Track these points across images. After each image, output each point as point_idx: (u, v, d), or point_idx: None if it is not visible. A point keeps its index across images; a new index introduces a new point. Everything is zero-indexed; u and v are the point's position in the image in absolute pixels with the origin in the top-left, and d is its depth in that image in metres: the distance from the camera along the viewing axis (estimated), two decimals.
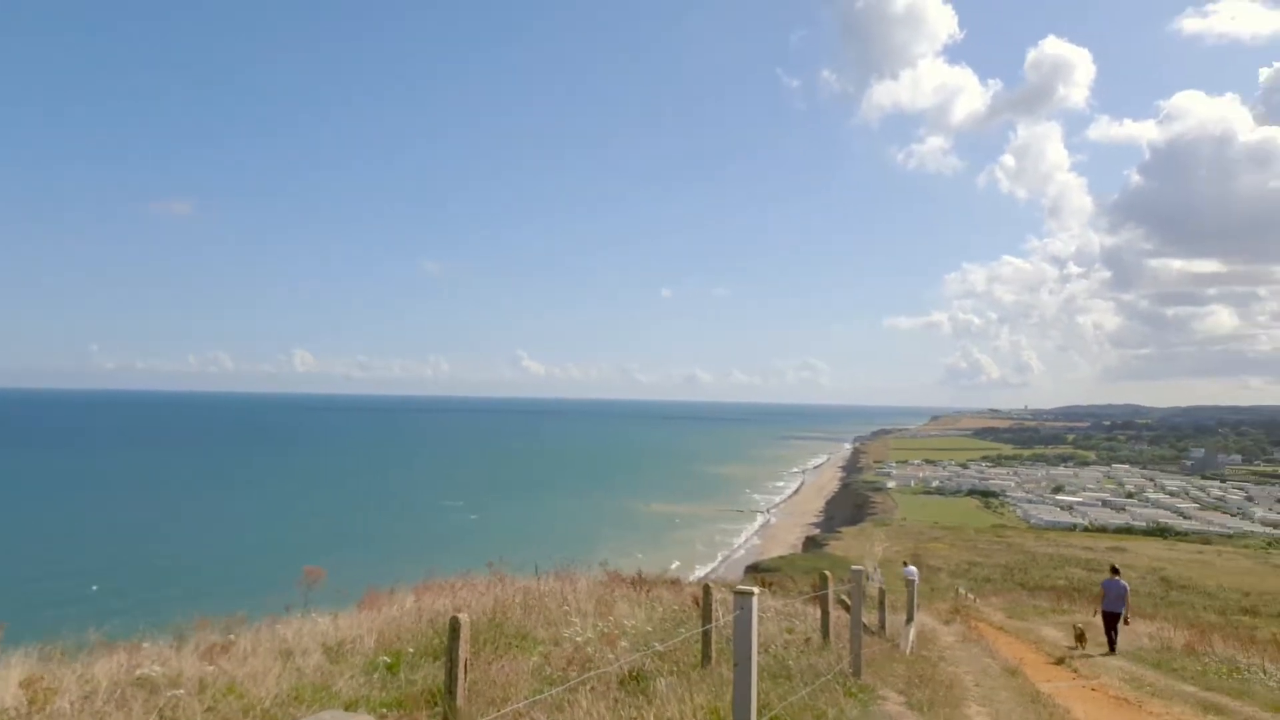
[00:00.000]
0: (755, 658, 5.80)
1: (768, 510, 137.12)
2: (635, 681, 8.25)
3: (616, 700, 7.54)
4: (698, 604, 10.47)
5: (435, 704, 7.12)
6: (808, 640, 10.70)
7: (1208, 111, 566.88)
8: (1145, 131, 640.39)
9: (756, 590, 5.88)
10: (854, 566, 10.55)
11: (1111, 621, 18.28)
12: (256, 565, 62.33)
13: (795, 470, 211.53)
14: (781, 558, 71.91)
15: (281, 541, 79.41)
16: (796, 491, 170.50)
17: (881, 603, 15.70)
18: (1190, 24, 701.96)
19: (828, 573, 11.08)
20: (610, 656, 9.06)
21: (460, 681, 6.08)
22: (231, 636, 9.44)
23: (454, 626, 5.97)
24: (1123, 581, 18.82)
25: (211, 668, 8.12)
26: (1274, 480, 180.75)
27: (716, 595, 9.46)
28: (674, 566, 77.29)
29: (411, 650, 9.24)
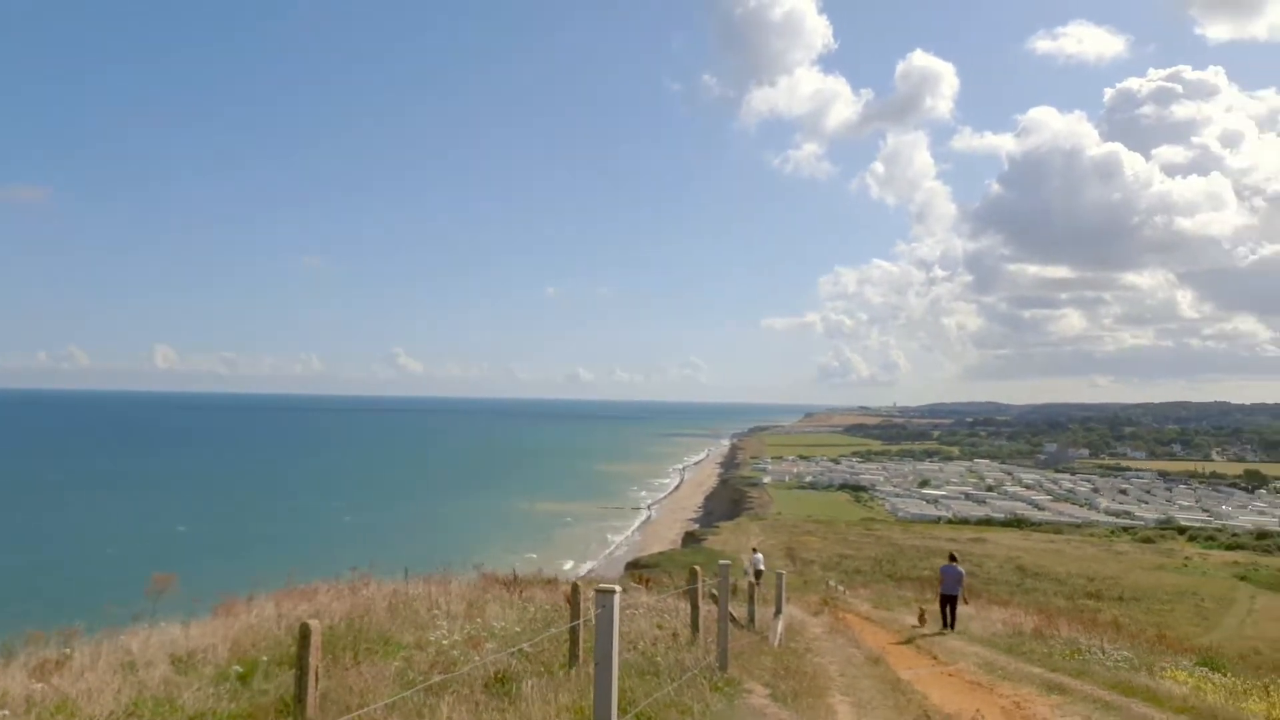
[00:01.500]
0: (616, 656, 5.77)
1: (649, 507, 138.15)
2: (500, 684, 8.12)
3: (479, 704, 7.40)
4: (570, 603, 10.40)
5: (288, 713, 6.83)
6: (675, 636, 10.79)
7: (1059, 126, 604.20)
8: (1004, 143, 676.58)
9: (618, 589, 5.86)
10: (721, 561, 10.69)
11: (948, 603, 20.30)
12: (108, 574, 58.79)
13: (676, 467, 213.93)
14: (661, 553, 72.52)
15: (139, 549, 75.17)
16: (677, 488, 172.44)
17: (751, 596, 15.99)
18: (1042, 44, 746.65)
19: (697, 568, 11.19)
20: (476, 659, 8.90)
21: (310, 690, 5.83)
22: (67, 650, 8.83)
23: (303, 633, 5.72)
24: (958, 568, 20.64)
25: (41, 685, 7.57)
26: (1117, 473, 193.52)
27: (587, 594, 9.41)
28: (552, 565, 77.14)
29: (266, 659, 8.85)
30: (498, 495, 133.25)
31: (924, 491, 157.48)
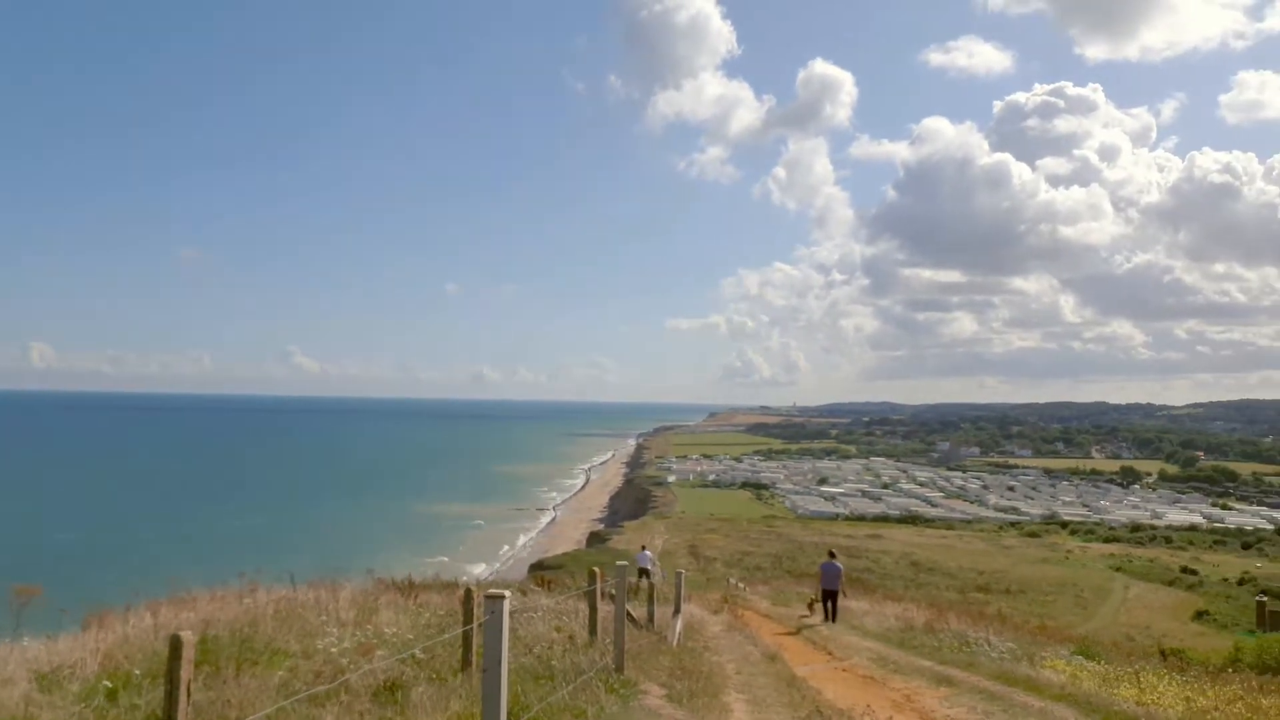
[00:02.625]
0: (505, 662, 5.66)
1: (554, 508, 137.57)
2: (390, 692, 7.89)
3: (366, 713, 7.18)
4: (464, 607, 10.19)
5: None
6: (571, 638, 10.71)
7: (951, 136, 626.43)
8: (899, 151, 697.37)
9: (507, 594, 5.74)
10: (618, 562, 10.65)
11: (829, 597, 21.60)
12: None
13: (582, 467, 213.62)
14: (566, 554, 72.26)
15: (5, 559, 70.95)
16: (582, 488, 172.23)
17: (650, 596, 16.00)
18: (935, 57, 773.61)
19: (596, 569, 11.12)
20: (365, 667, 8.63)
21: (182, 704, 5.52)
22: None
23: (174, 646, 5.40)
24: (837, 564, 21.92)
25: None
26: (1005, 470, 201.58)
27: (481, 598, 9.23)
28: (454, 568, 76.03)
29: (140, 673, 8.39)
30: (398, 498, 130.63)
31: (822, 489, 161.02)
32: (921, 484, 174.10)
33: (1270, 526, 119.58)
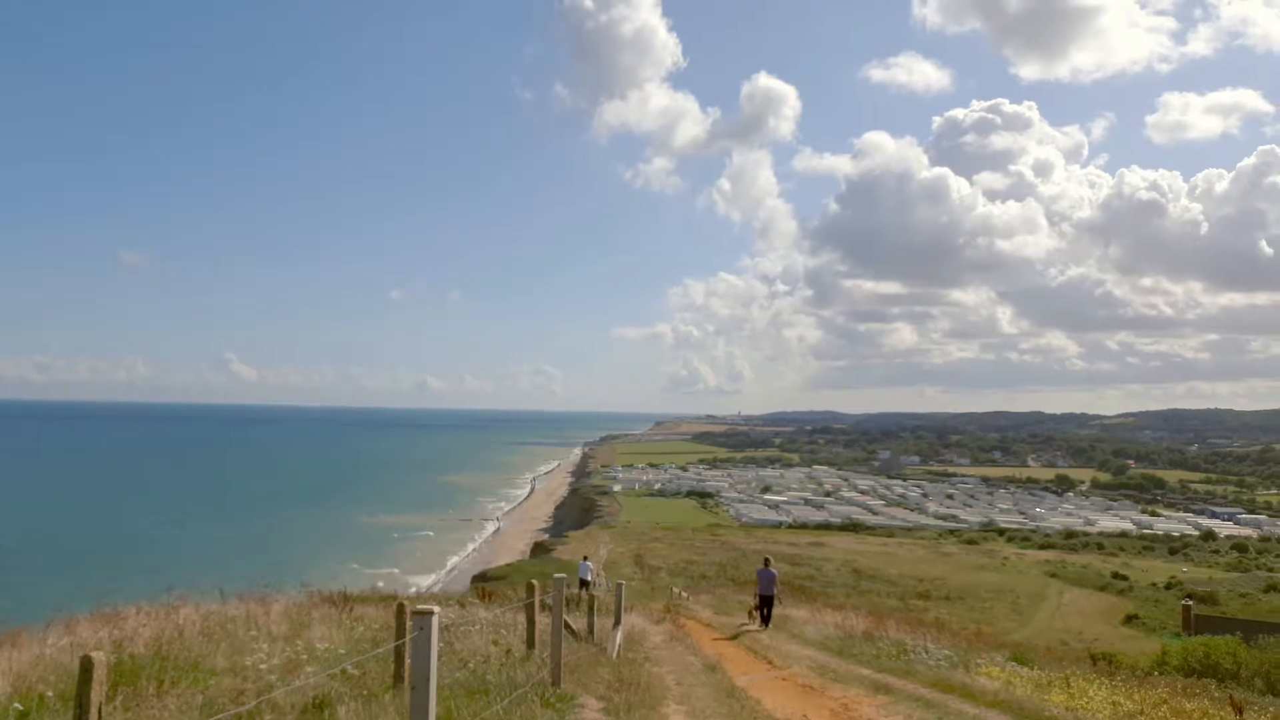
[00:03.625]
0: (434, 679, 5.53)
1: (499, 518, 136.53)
2: (318, 709, 7.69)
3: None
4: (398, 622, 9.99)
5: None
6: (508, 652, 10.56)
7: (892, 150, 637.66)
8: (841, 165, 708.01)
9: (436, 610, 5.62)
10: (556, 574, 10.54)
11: (765, 603, 22.25)
12: None
13: (527, 476, 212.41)
14: (509, 565, 71.56)
15: None
16: (527, 497, 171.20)
17: (591, 607, 15.88)
18: (876, 73, 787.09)
19: (534, 582, 10.99)
20: (294, 683, 8.39)
21: None
22: None
23: (84, 666, 5.17)
24: (772, 570, 22.74)
25: None
26: (944, 478, 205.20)
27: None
28: (395, 580, 74.97)
29: (52, 694, 8.05)
30: (339, 508, 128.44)
31: (766, 497, 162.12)
32: (863, 492, 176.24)
33: (1196, 532, 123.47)
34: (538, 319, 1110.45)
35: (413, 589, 61.11)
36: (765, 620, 22.23)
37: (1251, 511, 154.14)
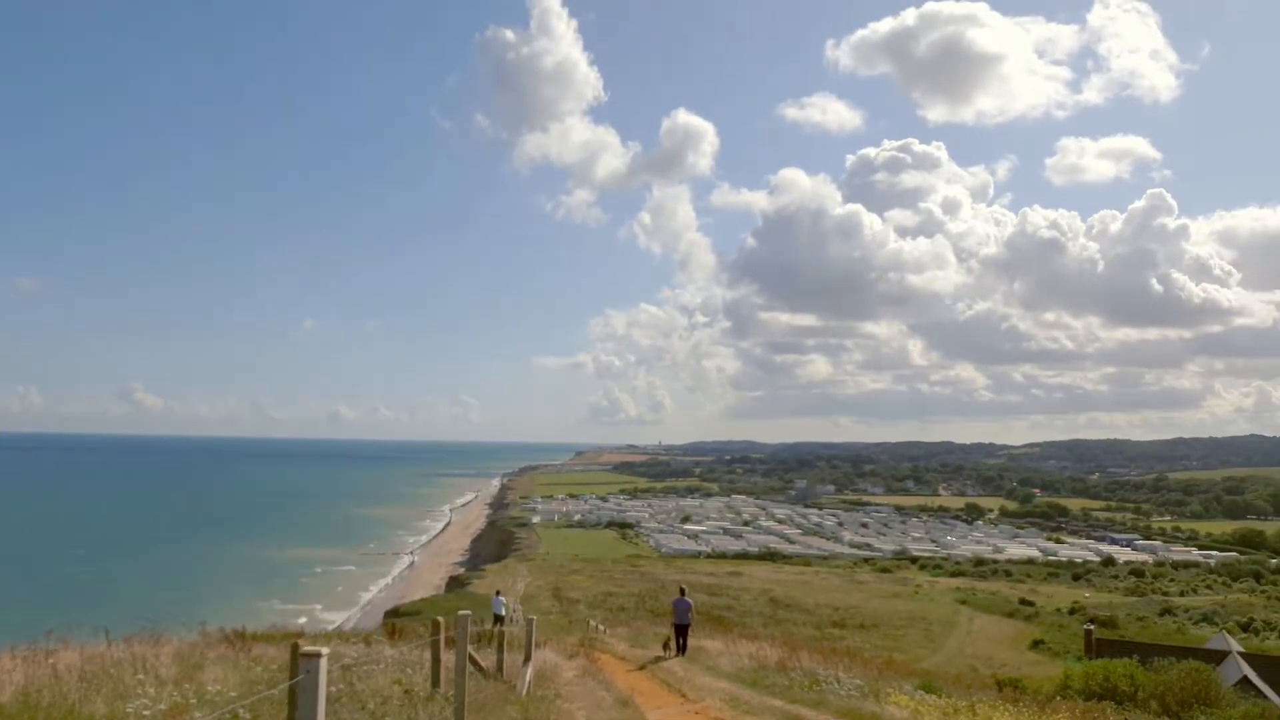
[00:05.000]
0: None
1: (413, 551, 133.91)
2: None
3: None
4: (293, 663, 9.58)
5: None
6: (409, 692, 10.21)
7: (807, 187, 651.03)
8: (758, 201, 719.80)
9: (324, 651, 5.38)
10: (461, 611, 10.27)
11: (680, 632, 22.66)
12: None
13: (443, 509, 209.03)
14: (423, 600, 69.98)
15: None
16: (443, 530, 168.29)
17: (501, 643, 15.53)
18: (791, 112, 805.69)
19: (440, 618, 10.69)
20: None
21: None
22: None
23: None
24: (688, 600, 23.19)
25: None
26: (859, 507, 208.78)
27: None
28: (305, 616, 72.62)
29: None
30: (247, 542, 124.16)
31: (686, 527, 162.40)
32: (780, 521, 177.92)
33: (1097, 559, 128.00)
34: (456, 348, 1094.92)
35: (331, 625, 59.35)
36: (681, 649, 22.44)
37: (1147, 537, 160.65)
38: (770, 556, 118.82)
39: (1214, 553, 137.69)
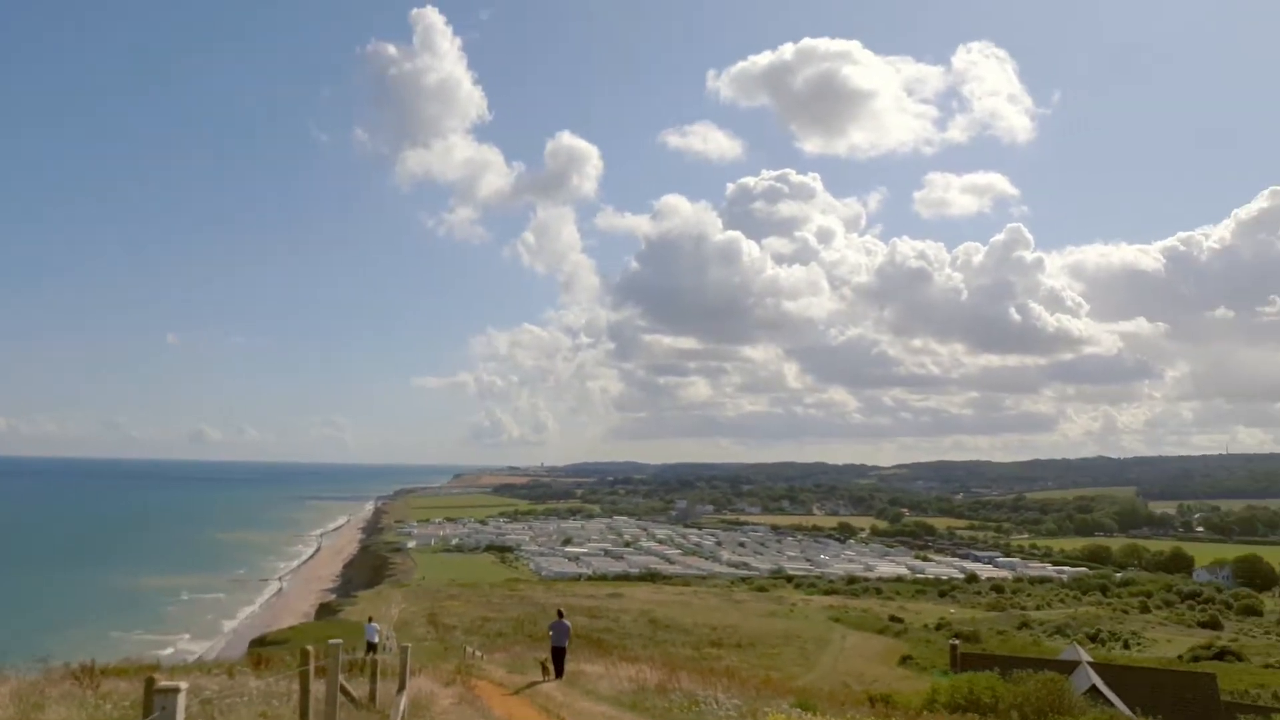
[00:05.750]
0: None
1: (281, 578, 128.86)
2: None
3: None
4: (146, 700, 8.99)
5: None
6: None
7: (689, 213, 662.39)
8: (641, 225, 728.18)
9: (183, 686, 5.07)
10: (331, 640, 9.88)
11: (558, 655, 22.84)
12: None
13: (313, 533, 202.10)
14: (291, 628, 67.21)
15: None
16: (313, 556, 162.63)
17: (373, 673, 15.04)
18: (673, 139, 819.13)
19: (309, 647, 10.25)
20: None
21: None
22: None
23: None
24: (566, 623, 23.58)
25: None
26: (737, 526, 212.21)
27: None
28: (164, 647, 68.79)
29: None
30: (100, 569, 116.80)
31: (567, 549, 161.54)
32: (661, 541, 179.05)
33: (961, 575, 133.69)
34: (330, 367, 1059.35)
35: (193, 656, 56.22)
36: (559, 673, 22.48)
37: (1007, 554, 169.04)
38: (651, 577, 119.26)
39: (1066, 568, 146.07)
